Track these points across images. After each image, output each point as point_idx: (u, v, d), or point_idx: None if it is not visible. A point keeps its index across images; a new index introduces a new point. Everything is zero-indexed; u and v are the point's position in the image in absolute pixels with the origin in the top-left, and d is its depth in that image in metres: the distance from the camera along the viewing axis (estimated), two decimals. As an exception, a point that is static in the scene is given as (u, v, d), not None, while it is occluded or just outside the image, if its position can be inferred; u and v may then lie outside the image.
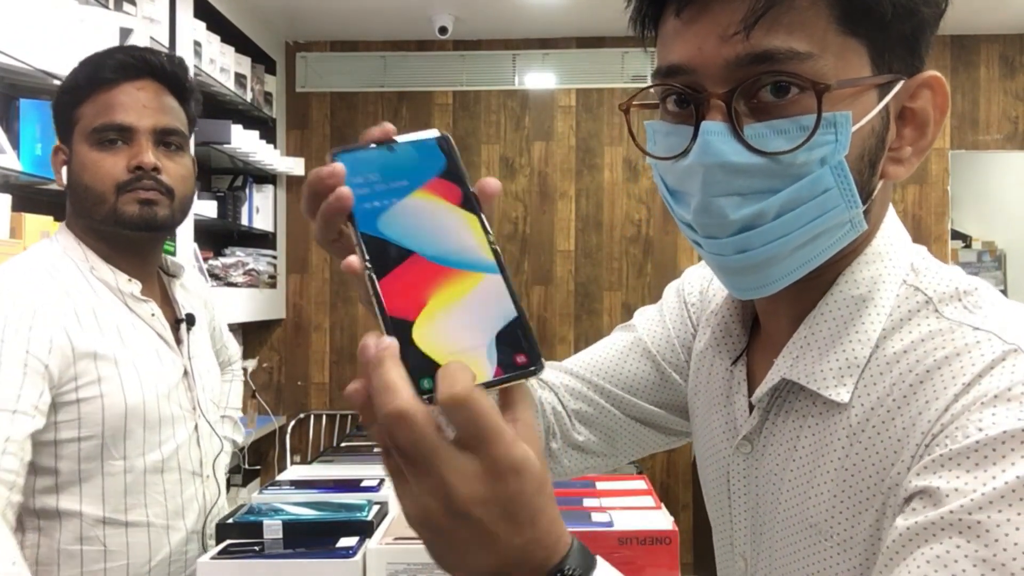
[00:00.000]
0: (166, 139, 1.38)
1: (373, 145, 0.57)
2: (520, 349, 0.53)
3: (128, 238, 1.38)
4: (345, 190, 0.53)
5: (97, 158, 1.34)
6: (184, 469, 1.42)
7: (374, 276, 0.53)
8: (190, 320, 1.48)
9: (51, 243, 1.39)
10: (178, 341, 1.45)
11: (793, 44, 0.62)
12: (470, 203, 0.58)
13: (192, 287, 1.60)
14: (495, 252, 0.55)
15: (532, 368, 0.53)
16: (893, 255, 0.71)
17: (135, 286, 1.38)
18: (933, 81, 0.68)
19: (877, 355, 0.68)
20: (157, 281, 1.49)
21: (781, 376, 0.72)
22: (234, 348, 1.88)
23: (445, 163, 0.59)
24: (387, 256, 0.53)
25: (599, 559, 0.56)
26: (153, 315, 1.40)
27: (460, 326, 0.52)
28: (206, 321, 1.62)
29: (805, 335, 0.72)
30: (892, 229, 0.73)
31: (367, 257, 0.53)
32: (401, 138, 0.58)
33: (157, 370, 1.37)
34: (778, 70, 0.63)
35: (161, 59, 1.40)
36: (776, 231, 0.66)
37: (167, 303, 1.49)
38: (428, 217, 0.56)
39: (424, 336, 0.52)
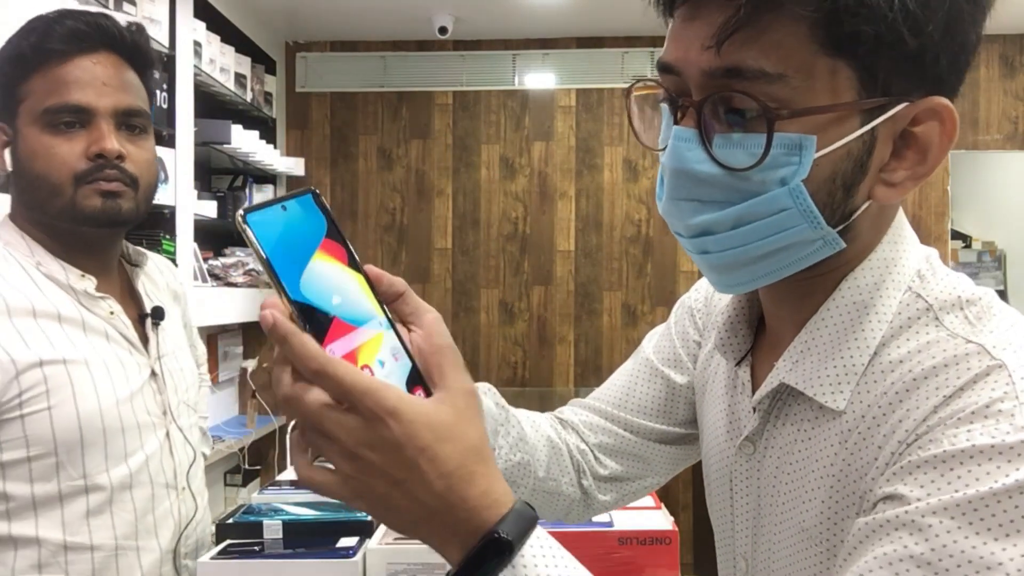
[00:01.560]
0: (129, 121, 1.22)
1: (267, 204, 0.59)
2: (425, 392, 0.60)
3: (85, 235, 1.22)
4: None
5: (50, 143, 1.16)
6: (156, 482, 1.26)
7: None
8: (157, 314, 1.31)
9: None
10: (144, 339, 1.29)
11: (763, 64, 0.62)
12: (355, 262, 0.61)
13: (160, 278, 1.42)
14: (383, 309, 0.61)
15: None
16: (899, 261, 0.70)
17: (89, 282, 1.22)
18: (941, 109, 0.65)
19: (875, 362, 0.68)
20: (118, 274, 1.33)
21: (780, 380, 0.73)
22: (201, 349, 1.67)
23: (326, 223, 0.61)
24: (318, 322, 0.58)
25: (539, 528, 0.58)
26: (112, 313, 1.24)
27: (384, 380, 0.58)
28: (178, 315, 1.44)
29: (806, 340, 0.72)
30: (900, 235, 0.72)
31: (305, 326, 0.57)
32: (283, 196, 0.61)
33: (117, 373, 1.21)
34: (743, 89, 0.62)
35: (118, 26, 1.23)
36: (733, 240, 0.67)
37: (130, 297, 1.32)
38: (333, 281, 0.60)
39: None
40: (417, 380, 0.60)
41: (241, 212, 0.57)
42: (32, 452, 1.13)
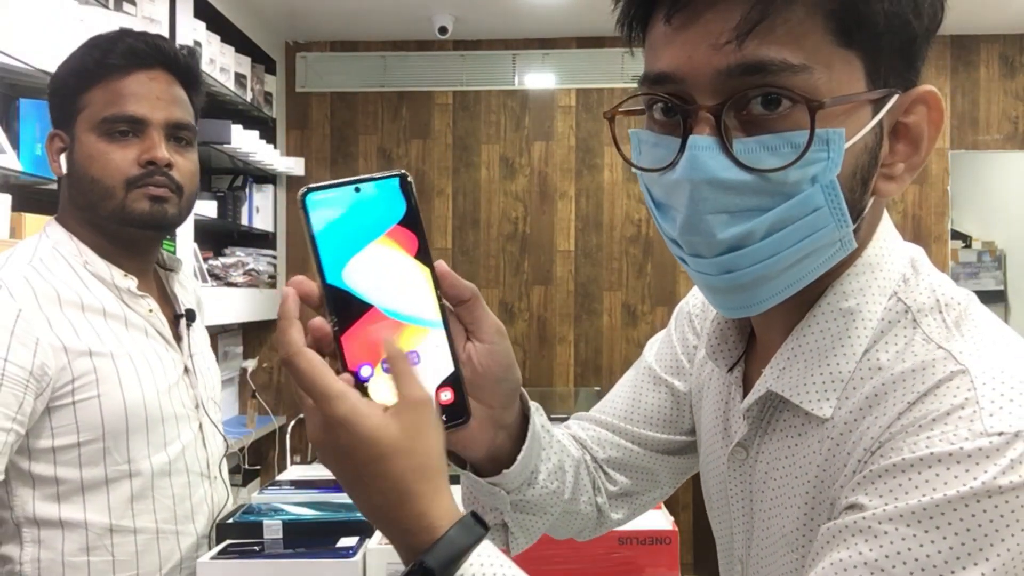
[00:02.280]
0: (177, 133, 1.32)
1: (340, 184, 0.60)
2: (455, 401, 0.61)
3: (131, 235, 1.32)
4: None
5: (105, 149, 1.27)
6: (192, 471, 1.36)
7: (337, 331, 0.59)
8: (190, 316, 1.42)
9: (40, 239, 1.31)
10: (178, 338, 1.39)
11: (787, 56, 0.59)
12: (426, 254, 0.61)
13: (189, 285, 1.54)
14: (442, 308, 0.61)
15: (461, 420, 0.62)
16: (885, 266, 0.69)
17: (131, 281, 1.32)
18: (928, 96, 0.65)
19: (860, 367, 0.67)
20: (154, 277, 1.42)
21: (768, 388, 0.71)
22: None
23: (405, 208, 0.60)
24: (349, 310, 0.59)
25: (484, 546, 0.60)
26: (151, 311, 1.34)
27: (416, 374, 0.59)
28: (202, 320, 1.56)
29: (792, 347, 0.70)
30: (885, 239, 0.71)
31: (332, 311, 0.58)
32: (366, 177, 0.61)
33: (156, 367, 1.31)
34: (770, 83, 0.60)
35: (173, 48, 1.34)
36: (765, 251, 0.64)
37: (165, 299, 1.42)
38: (387, 270, 0.59)
39: (378, 388, 0.60)
40: (455, 385, 0.61)
41: (304, 189, 0.58)
42: (82, 438, 1.22)
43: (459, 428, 0.63)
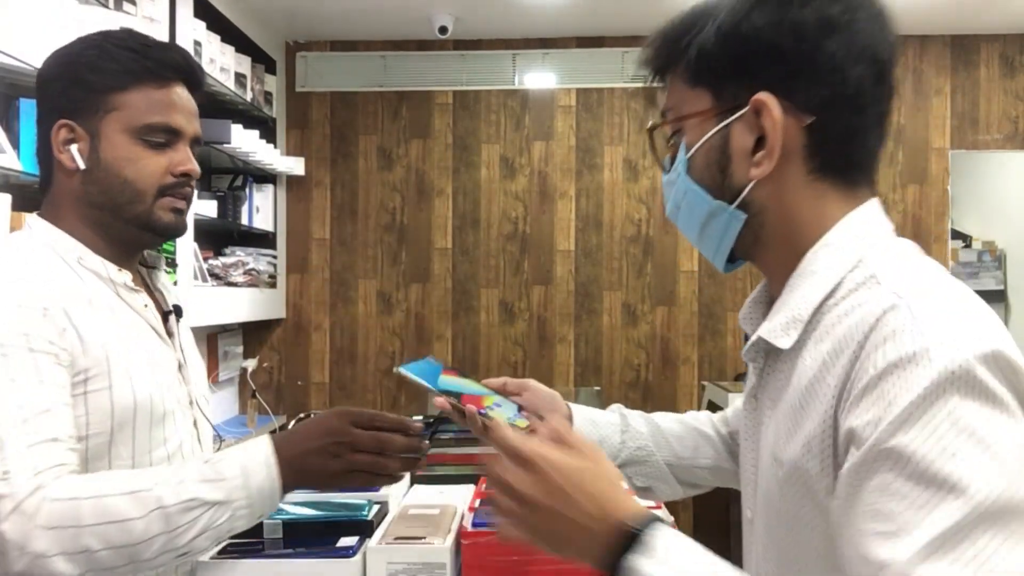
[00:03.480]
0: (194, 147, 1.36)
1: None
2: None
3: (140, 239, 1.34)
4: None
5: (142, 154, 1.28)
6: None
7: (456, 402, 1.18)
8: (178, 311, 1.42)
9: (27, 236, 1.29)
10: (169, 334, 1.39)
11: (667, 102, 0.97)
12: (464, 374, 1.25)
13: (170, 285, 1.51)
14: (489, 389, 1.26)
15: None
16: (843, 245, 0.87)
17: (126, 275, 1.31)
18: (756, 103, 0.87)
19: (824, 315, 0.84)
20: (139, 274, 1.41)
21: (757, 335, 0.90)
22: None
23: (441, 366, 1.23)
24: (454, 396, 1.18)
25: (668, 528, 0.79)
26: (146, 306, 1.34)
27: (497, 413, 1.19)
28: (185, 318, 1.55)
29: (776, 307, 0.91)
30: (851, 227, 0.88)
31: (450, 398, 1.17)
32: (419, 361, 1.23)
33: (156, 362, 1.32)
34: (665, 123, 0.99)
35: (199, 64, 1.39)
36: (683, 224, 0.98)
37: (152, 296, 1.41)
38: (454, 381, 1.22)
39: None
40: (518, 415, 1.19)
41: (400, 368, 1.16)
42: (91, 430, 1.20)
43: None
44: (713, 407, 3.48)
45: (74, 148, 1.28)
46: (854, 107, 0.86)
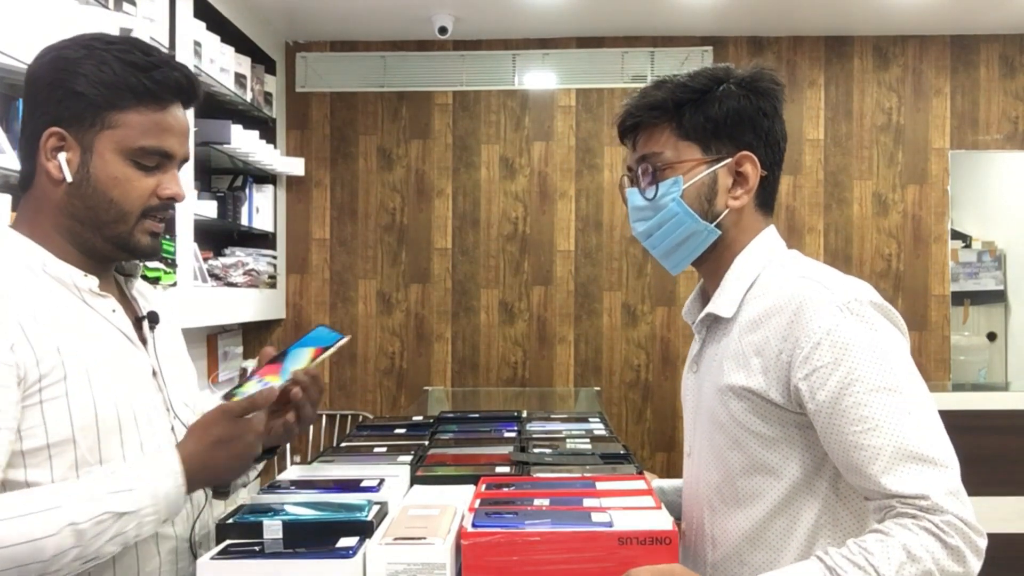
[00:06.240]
0: (179, 167, 1.34)
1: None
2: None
3: (114, 256, 1.32)
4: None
5: (132, 176, 1.26)
6: None
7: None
8: (152, 318, 1.38)
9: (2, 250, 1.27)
10: (143, 340, 1.36)
11: (653, 148, 1.32)
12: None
13: (149, 293, 1.49)
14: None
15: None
16: (759, 252, 1.33)
17: (92, 281, 1.28)
18: (742, 158, 1.30)
19: (753, 293, 1.29)
20: (113, 281, 1.39)
21: (707, 311, 1.33)
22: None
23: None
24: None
25: None
26: (114, 311, 1.31)
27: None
28: (175, 324, 1.53)
29: (718, 292, 1.33)
30: (765, 241, 1.34)
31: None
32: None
33: (124, 368, 1.28)
34: (648, 161, 1.33)
35: (197, 82, 1.34)
36: (659, 238, 1.34)
37: (125, 302, 1.38)
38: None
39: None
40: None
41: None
42: (51, 440, 1.18)
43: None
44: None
45: (62, 157, 1.25)
46: (779, 166, 1.36)
